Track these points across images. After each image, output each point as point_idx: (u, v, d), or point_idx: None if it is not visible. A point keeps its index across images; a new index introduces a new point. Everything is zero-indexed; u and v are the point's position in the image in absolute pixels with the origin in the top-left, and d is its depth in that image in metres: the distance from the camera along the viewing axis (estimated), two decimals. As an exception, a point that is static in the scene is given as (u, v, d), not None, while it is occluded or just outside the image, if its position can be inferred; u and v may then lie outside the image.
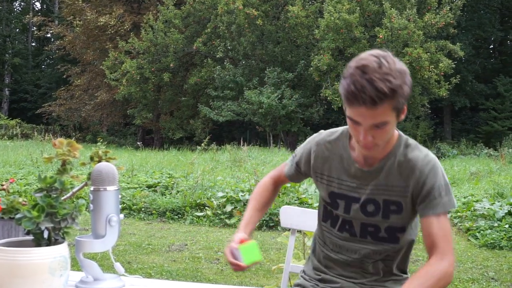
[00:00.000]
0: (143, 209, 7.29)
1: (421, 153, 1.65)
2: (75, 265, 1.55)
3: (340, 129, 1.80)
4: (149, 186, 8.29)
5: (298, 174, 1.89)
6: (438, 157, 16.92)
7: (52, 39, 36.46)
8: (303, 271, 1.96)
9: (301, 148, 1.88)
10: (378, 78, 1.44)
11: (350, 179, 1.72)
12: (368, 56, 1.49)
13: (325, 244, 1.86)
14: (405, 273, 1.86)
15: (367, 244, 1.76)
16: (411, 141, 1.69)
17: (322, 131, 1.86)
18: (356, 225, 1.74)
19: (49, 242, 1.31)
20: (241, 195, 7.13)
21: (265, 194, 1.96)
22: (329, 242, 1.84)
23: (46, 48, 34.46)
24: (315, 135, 1.86)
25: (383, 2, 17.56)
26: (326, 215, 1.84)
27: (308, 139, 1.88)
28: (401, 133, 1.70)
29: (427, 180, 1.62)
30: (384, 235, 1.72)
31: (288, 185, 6.91)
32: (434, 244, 1.61)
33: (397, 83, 1.45)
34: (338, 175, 1.75)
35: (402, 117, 1.56)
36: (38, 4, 43.01)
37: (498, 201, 6.90)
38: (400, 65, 1.50)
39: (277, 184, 2.00)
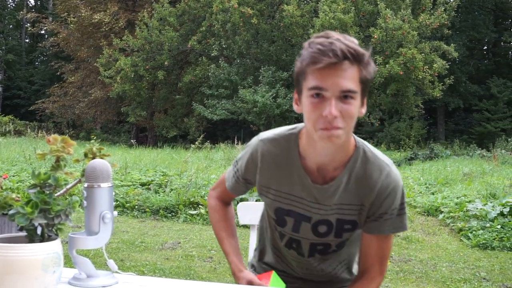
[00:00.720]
0: (136, 207, 7.28)
1: (382, 173, 1.49)
2: (68, 262, 1.54)
3: (285, 133, 1.58)
4: (142, 184, 8.28)
5: (247, 185, 1.70)
6: (431, 158, 17.04)
7: (46, 35, 36.29)
8: (253, 266, 1.87)
9: (243, 159, 1.66)
10: (345, 40, 1.33)
11: (301, 194, 1.54)
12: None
13: (275, 248, 1.77)
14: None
15: (315, 261, 1.68)
16: (369, 152, 1.52)
17: (262, 135, 1.62)
18: (305, 244, 1.63)
19: (42, 239, 1.30)
20: (235, 194, 7.13)
21: (227, 219, 1.81)
22: (277, 247, 1.74)
23: (40, 44, 34.34)
24: (256, 141, 1.62)
25: (378, 3, 17.61)
26: (274, 227, 1.70)
27: (249, 146, 1.64)
28: (359, 140, 1.53)
29: (383, 203, 1.50)
30: (334, 249, 1.64)
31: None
32: (368, 264, 1.58)
33: (366, 53, 1.35)
34: (288, 190, 1.56)
35: (363, 111, 1.41)
36: (32, 0, 42.83)
37: (491, 202, 6.93)
38: None
39: (228, 203, 1.84)
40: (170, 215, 7.08)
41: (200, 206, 7.17)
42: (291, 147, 1.55)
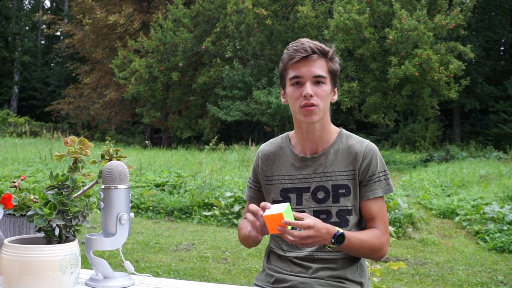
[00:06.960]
0: (151, 208, 7.30)
1: (363, 142, 1.84)
2: (85, 263, 1.55)
3: (277, 137, 1.99)
4: (157, 185, 8.31)
5: (259, 189, 1.97)
6: (447, 159, 16.90)
7: (62, 37, 36.61)
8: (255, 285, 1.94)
9: (251, 170, 2.03)
10: (313, 41, 1.79)
11: (298, 171, 1.86)
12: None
13: (279, 248, 1.88)
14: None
15: None
16: (350, 134, 1.90)
17: (261, 145, 2.03)
18: (309, 214, 1.78)
19: (60, 240, 1.31)
20: (249, 195, 7.12)
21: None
22: (284, 244, 1.86)
23: (55, 46, 34.60)
24: (257, 151, 2.03)
25: (393, 3, 17.49)
26: None
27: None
28: (342, 129, 1.92)
29: (370, 166, 1.81)
30: (335, 220, 1.81)
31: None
32: (373, 225, 1.81)
33: (330, 49, 1.79)
34: (287, 172, 1.88)
35: (335, 97, 1.85)
36: (47, 2, 43.25)
37: (508, 204, 6.85)
38: None
39: None
40: (185, 216, 7.09)
41: (214, 207, 7.17)
42: (283, 142, 1.95)
